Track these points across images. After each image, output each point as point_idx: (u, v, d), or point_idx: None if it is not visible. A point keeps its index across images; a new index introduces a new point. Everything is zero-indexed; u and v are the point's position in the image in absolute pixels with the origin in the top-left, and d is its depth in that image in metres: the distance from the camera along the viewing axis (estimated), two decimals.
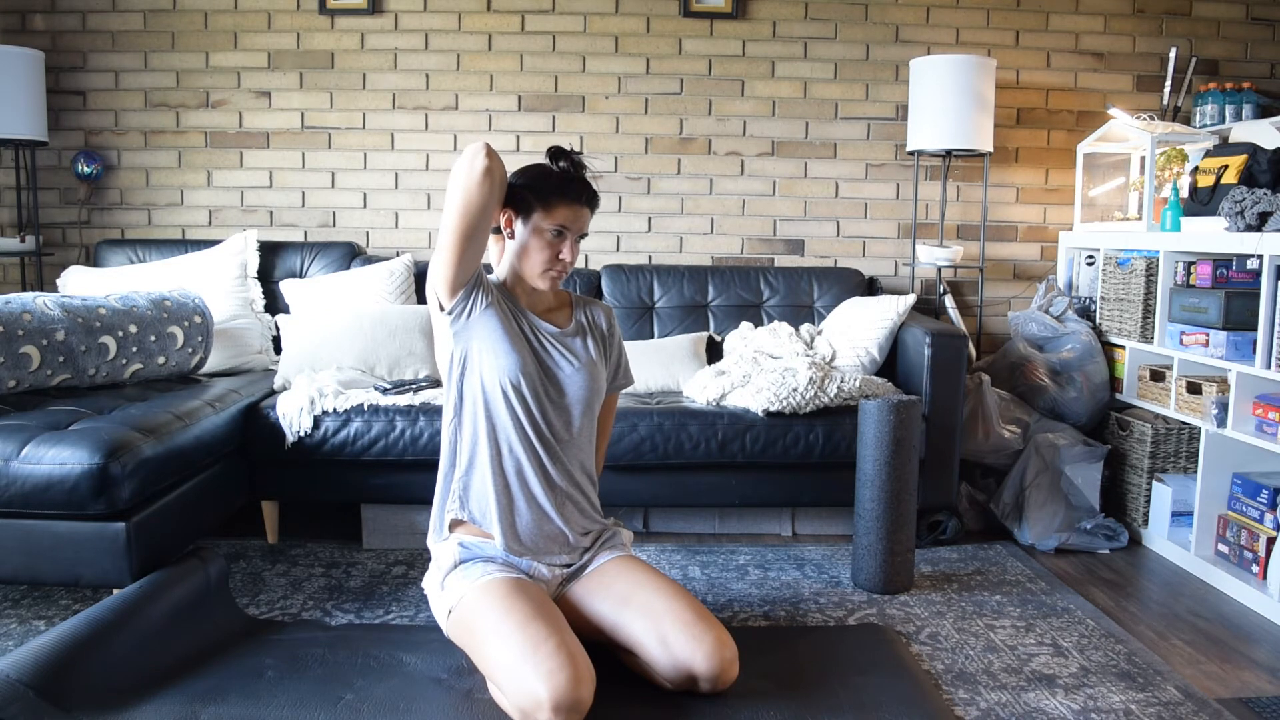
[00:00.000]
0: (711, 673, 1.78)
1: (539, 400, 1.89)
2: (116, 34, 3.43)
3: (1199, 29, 3.56)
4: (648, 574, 1.92)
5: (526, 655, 1.63)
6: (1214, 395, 2.60)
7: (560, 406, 1.93)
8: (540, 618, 1.70)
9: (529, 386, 1.87)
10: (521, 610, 1.70)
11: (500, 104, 3.48)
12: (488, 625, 1.72)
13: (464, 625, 1.79)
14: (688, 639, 1.79)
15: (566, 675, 1.60)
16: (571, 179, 1.92)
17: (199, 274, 3.01)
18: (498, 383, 1.85)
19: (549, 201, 1.87)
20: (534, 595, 1.78)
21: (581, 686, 1.61)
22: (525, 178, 1.91)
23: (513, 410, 1.87)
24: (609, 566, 1.94)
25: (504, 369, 1.85)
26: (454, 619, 1.82)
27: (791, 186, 3.57)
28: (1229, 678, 2.08)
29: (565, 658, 1.62)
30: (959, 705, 1.89)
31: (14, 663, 1.69)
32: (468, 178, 1.75)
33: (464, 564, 1.86)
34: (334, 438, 2.58)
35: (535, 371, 1.89)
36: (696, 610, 1.84)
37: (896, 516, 2.45)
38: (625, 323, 3.28)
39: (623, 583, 1.89)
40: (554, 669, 1.60)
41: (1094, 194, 3.53)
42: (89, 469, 1.95)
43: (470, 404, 1.88)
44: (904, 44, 3.52)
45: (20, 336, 2.31)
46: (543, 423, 1.89)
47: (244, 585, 2.45)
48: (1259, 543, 2.52)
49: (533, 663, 1.62)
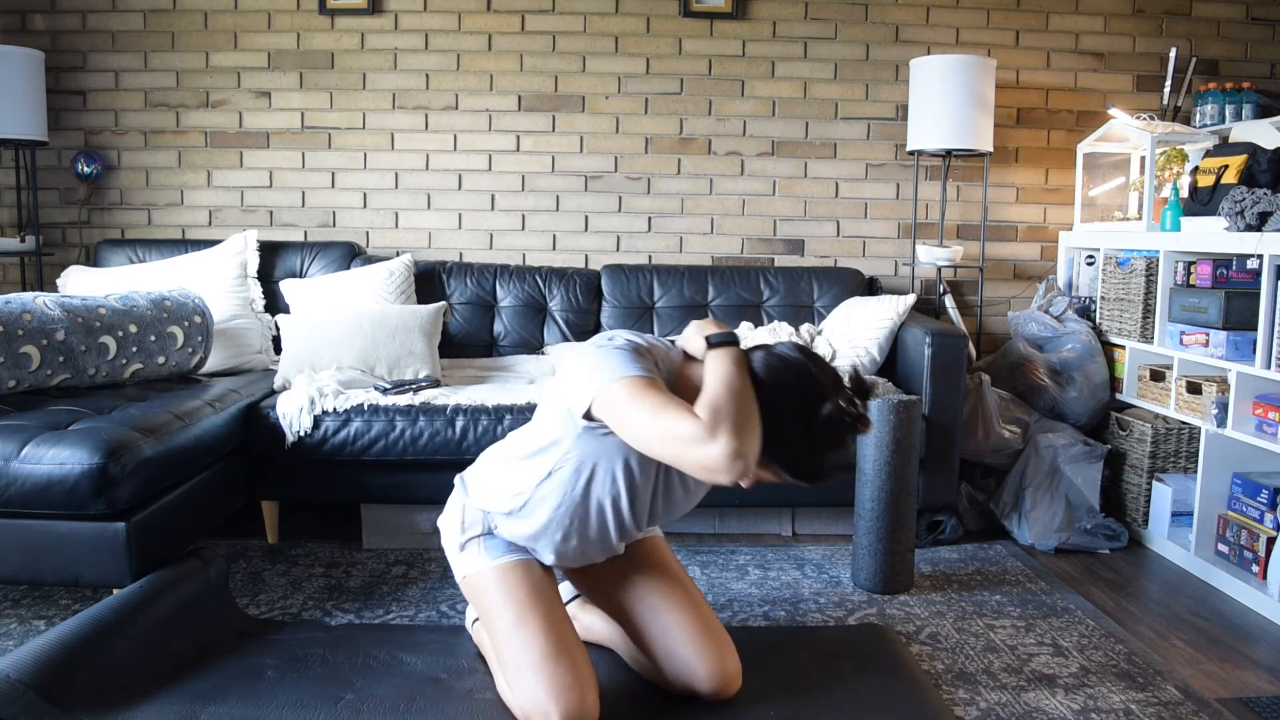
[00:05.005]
0: (711, 689, 1.80)
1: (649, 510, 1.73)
2: (116, 34, 3.43)
3: (1199, 29, 3.56)
4: (663, 567, 1.88)
5: (541, 667, 1.64)
6: (1214, 395, 2.60)
7: (665, 512, 1.79)
8: (556, 628, 1.70)
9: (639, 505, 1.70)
10: (540, 618, 1.70)
11: (500, 104, 3.48)
12: (505, 622, 1.71)
13: (478, 599, 1.79)
14: (690, 655, 1.79)
15: (576, 695, 1.62)
16: (823, 464, 1.54)
17: (199, 274, 3.01)
18: (609, 494, 1.67)
19: (774, 465, 1.54)
20: (550, 596, 1.76)
21: (588, 703, 1.64)
22: (788, 407, 1.50)
23: (617, 511, 1.69)
24: (630, 550, 1.89)
25: (621, 491, 1.66)
26: (468, 585, 1.81)
27: (791, 186, 3.57)
28: (1229, 678, 2.08)
29: (576, 676, 1.64)
30: (959, 705, 1.89)
31: (14, 663, 1.69)
32: (698, 474, 1.45)
33: (488, 537, 1.80)
34: (334, 438, 2.58)
35: (650, 494, 1.71)
36: (704, 624, 1.81)
37: (896, 516, 2.45)
38: (625, 323, 3.28)
39: (640, 570, 1.86)
40: (566, 686, 1.62)
41: (1094, 194, 3.53)
42: (89, 469, 1.95)
43: (571, 473, 1.66)
44: (904, 44, 3.52)
45: (20, 336, 2.31)
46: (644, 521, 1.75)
47: (244, 585, 2.45)
48: (1259, 543, 2.51)
49: (546, 676, 1.63)
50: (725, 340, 1.58)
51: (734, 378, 1.49)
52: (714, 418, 1.41)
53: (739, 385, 1.48)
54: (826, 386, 1.52)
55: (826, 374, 1.55)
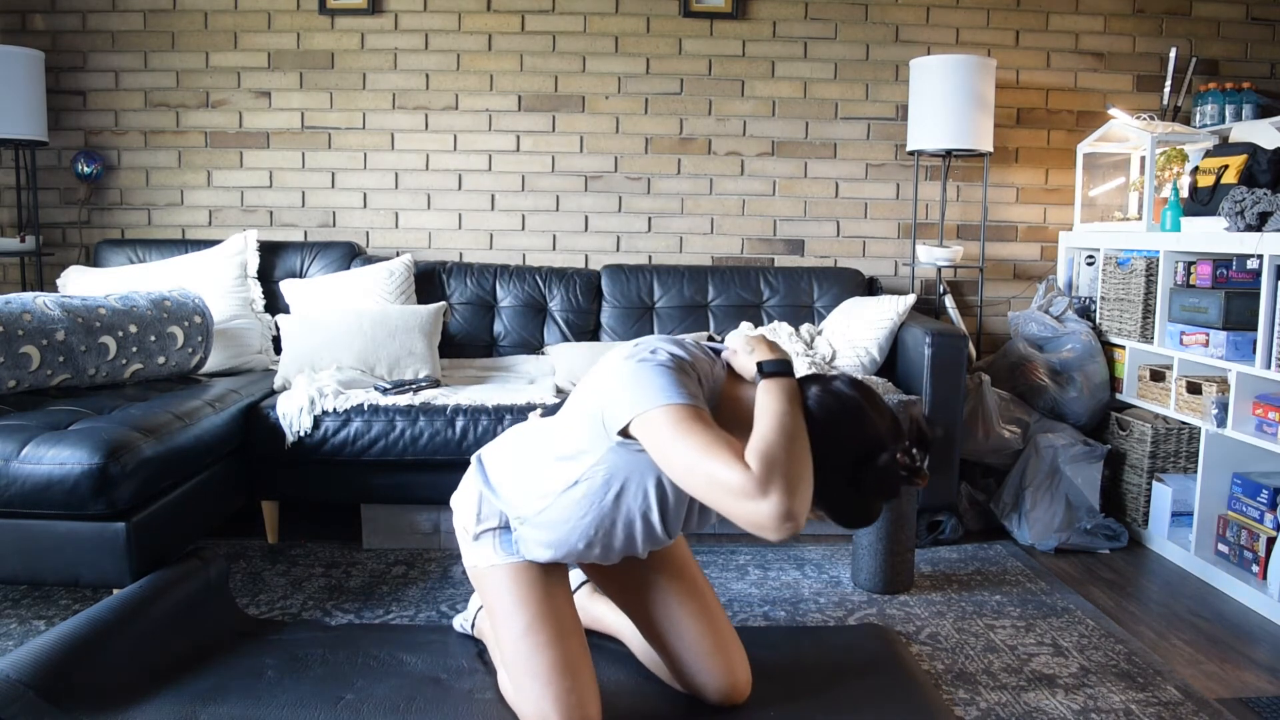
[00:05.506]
0: (719, 699, 1.81)
1: (680, 522, 1.67)
2: (116, 34, 3.43)
3: (1199, 29, 3.56)
4: (682, 568, 1.85)
5: (549, 679, 1.63)
6: (1214, 395, 2.60)
7: (698, 524, 1.73)
8: (565, 640, 1.68)
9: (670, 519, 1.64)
10: (551, 627, 1.68)
11: (500, 104, 3.48)
12: (515, 625, 1.69)
13: (486, 595, 1.75)
14: (702, 666, 1.79)
15: (581, 713, 1.62)
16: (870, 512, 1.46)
17: (199, 274, 3.01)
18: (639, 508, 1.60)
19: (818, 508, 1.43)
20: (562, 606, 1.72)
21: (590, 714, 1.64)
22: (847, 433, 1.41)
23: (647, 523, 1.62)
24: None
25: (653, 505, 1.60)
26: (477, 574, 1.76)
27: (791, 186, 3.57)
28: (1229, 678, 2.08)
29: (582, 692, 1.64)
30: (959, 705, 1.89)
31: (14, 663, 1.69)
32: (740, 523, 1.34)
33: (503, 531, 1.73)
34: (334, 438, 2.58)
35: (685, 510, 1.65)
36: (717, 639, 1.80)
37: (896, 516, 2.45)
38: (625, 323, 3.28)
39: (658, 572, 1.83)
40: (572, 705, 1.62)
41: (1094, 194, 3.53)
42: (89, 469, 1.95)
43: (600, 486, 1.58)
44: (904, 44, 3.52)
45: (20, 336, 2.31)
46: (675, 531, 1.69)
47: (244, 585, 2.45)
48: (1259, 543, 2.51)
49: (552, 691, 1.63)
50: (779, 371, 1.45)
51: (790, 422, 1.36)
52: (767, 471, 1.29)
53: (794, 432, 1.35)
54: (885, 434, 1.42)
55: (884, 418, 1.44)
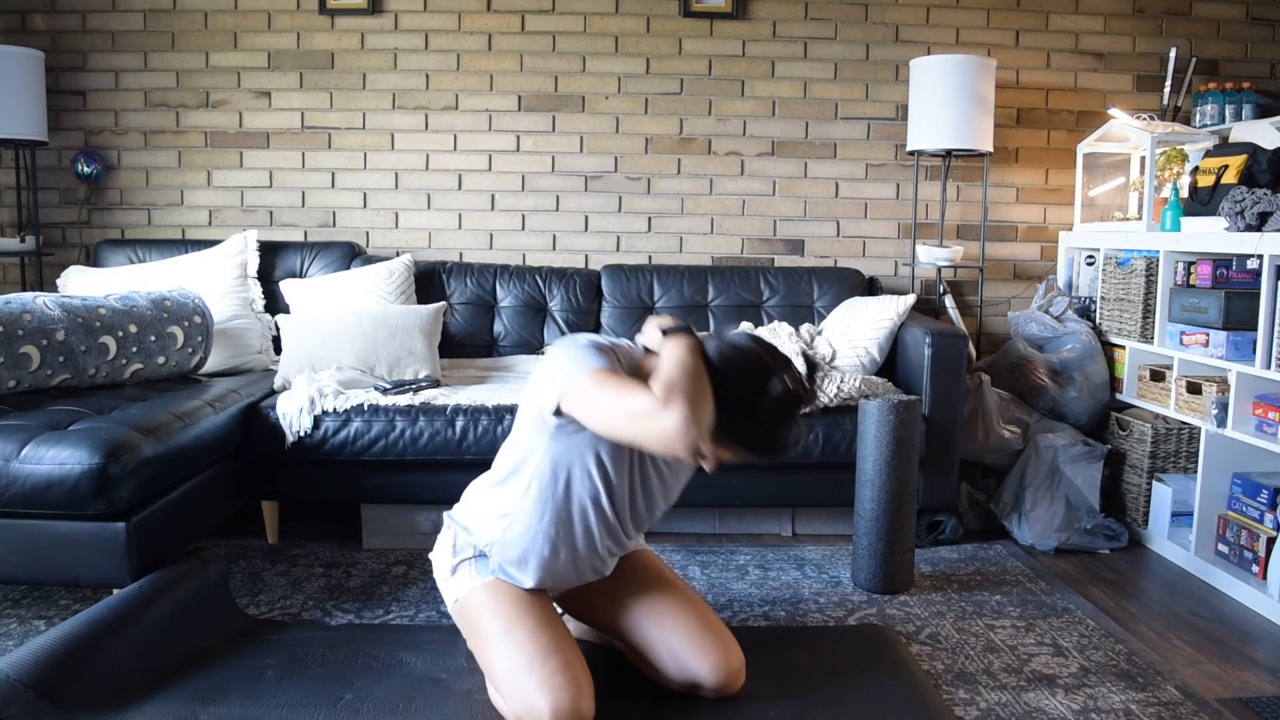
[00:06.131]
0: (716, 684, 1.80)
1: (629, 507, 1.77)
2: (116, 34, 3.43)
3: (1199, 29, 3.56)
4: (656, 575, 1.91)
5: (530, 667, 1.63)
6: (1214, 395, 2.60)
7: (646, 508, 1.82)
8: (546, 629, 1.70)
9: (619, 501, 1.74)
10: (529, 621, 1.70)
11: (500, 104, 3.48)
12: (494, 630, 1.71)
13: (469, 620, 1.79)
14: (693, 651, 1.80)
15: (569, 693, 1.61)
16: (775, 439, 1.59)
17: (199, 274, 3.01)
18: (589, 493, 1.70)
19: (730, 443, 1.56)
20: (541, 604, 1.77)
21: (582, 702, 1.62)
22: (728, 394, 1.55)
23: (600, 510, 1.73)
24: (622, 566, 1.92)
25: (599, 488, 1.70)
26: (459, 607, 1.82)
27: (791, 186, 3.57)
28: (1229, 678, 2.08)
29: (569, 674, 1.63)
30: (959, 705, 1.89)
31: (14, 663, 1.69)
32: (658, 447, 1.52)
33: (479, 559, 1.82)
34: (334, 438, 2.58)
35: (628, 488, 1.75)
36: (704, 621, 1.83)
37: (896, 516, 2.45)
38: (625, 323, 3.28)
39: (633, 583, 1.88)
40: (558, 686, 1.61)
41: (1094, 194, 3.53)
42: (89, 469, 1.95)
43: (550, 479, 1.70)
44: (904, 44, 3.52)
45: (20, 336, 2.31)
46: (627, 522, 1.78)
47: (244, 585, 2.45)
48: (1259, 543, 2.51)
49: (536, 676, 1.62)
50: (679, 330, 1.65)
51: (685, 358, 1.55)
52: (667, 391, 1.48)
53: (690, 363, 1.54)
54: (774, 366, 1.59)
55: (774, 356, 1.61)
